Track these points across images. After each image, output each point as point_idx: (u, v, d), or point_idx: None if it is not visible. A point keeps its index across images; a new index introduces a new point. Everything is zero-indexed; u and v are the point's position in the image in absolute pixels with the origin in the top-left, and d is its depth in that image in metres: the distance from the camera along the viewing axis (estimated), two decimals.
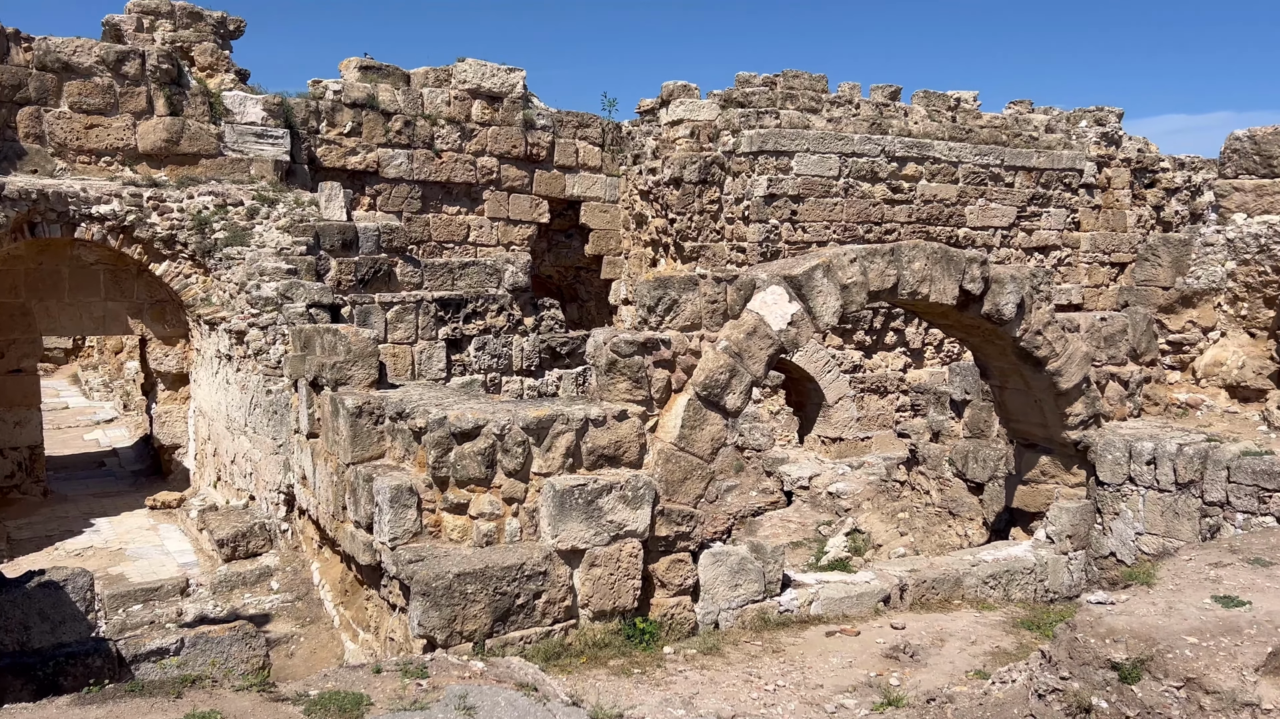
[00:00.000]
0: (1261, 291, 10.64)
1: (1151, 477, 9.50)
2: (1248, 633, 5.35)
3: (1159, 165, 21.27)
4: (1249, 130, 10.93)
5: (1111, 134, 20.40)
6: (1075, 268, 20.22)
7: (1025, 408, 10.57)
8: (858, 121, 17.80)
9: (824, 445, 17.97)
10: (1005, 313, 9.48)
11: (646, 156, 18.08)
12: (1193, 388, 11.05)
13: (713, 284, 8.50)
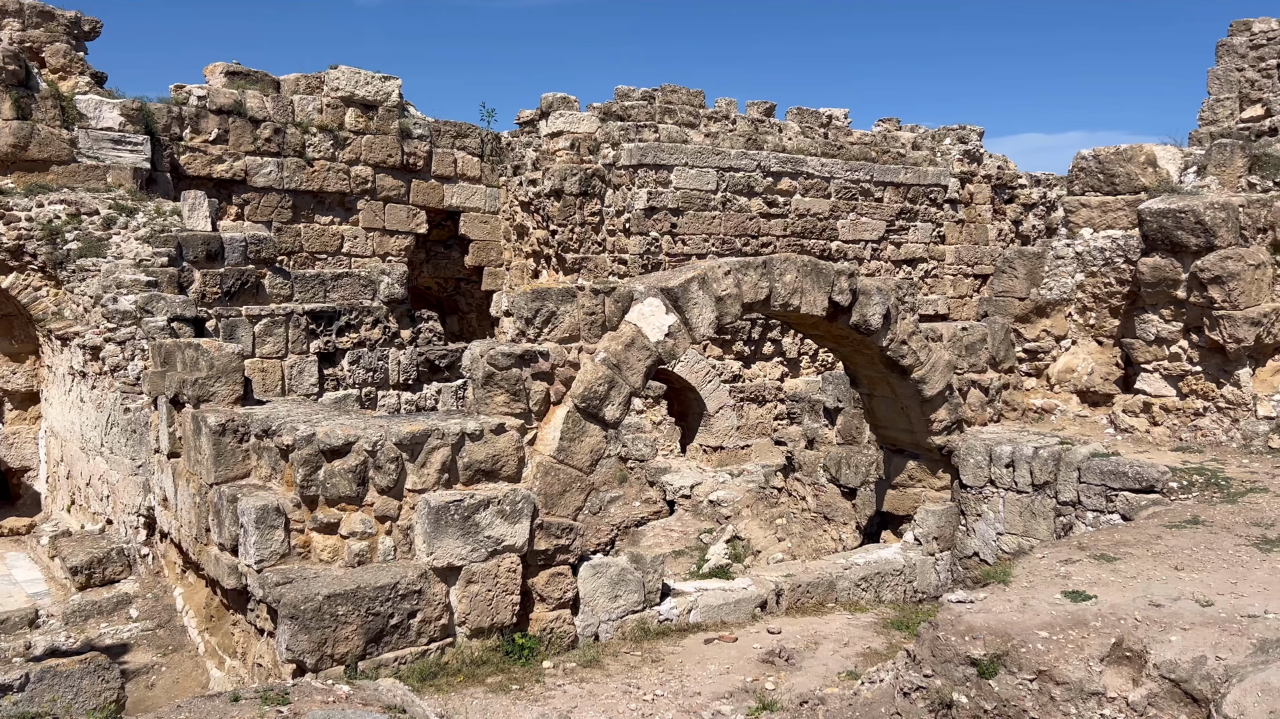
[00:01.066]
0: (1107, 302, 11.31)
1: (1010, 479, 9.97)
2: (1094, 625, 5.65)
3: (1017, 182, 22.42)
4: (1094, 150, 11.62)
5: (973, 151, 21.40)
6: (941, 279, 21.09)
7: (893, 415, 10.95)
8: (734, 137, 18.17)
9: (706, 454, 18.21)
10: (872, 323, 9.80)
11: (527, 168, 18.02)
12: (1047, 393, 11.65)
13: (591, 296, 8.52)
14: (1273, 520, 7.29)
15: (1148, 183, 11.12)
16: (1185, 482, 8.66)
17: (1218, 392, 10.14)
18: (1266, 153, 10.64)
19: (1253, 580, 6.13)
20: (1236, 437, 9.84)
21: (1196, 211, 9.85)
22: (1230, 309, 9.77)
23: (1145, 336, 10.63)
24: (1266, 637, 5.28)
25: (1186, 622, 5.57)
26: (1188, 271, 10.03)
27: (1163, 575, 6.31)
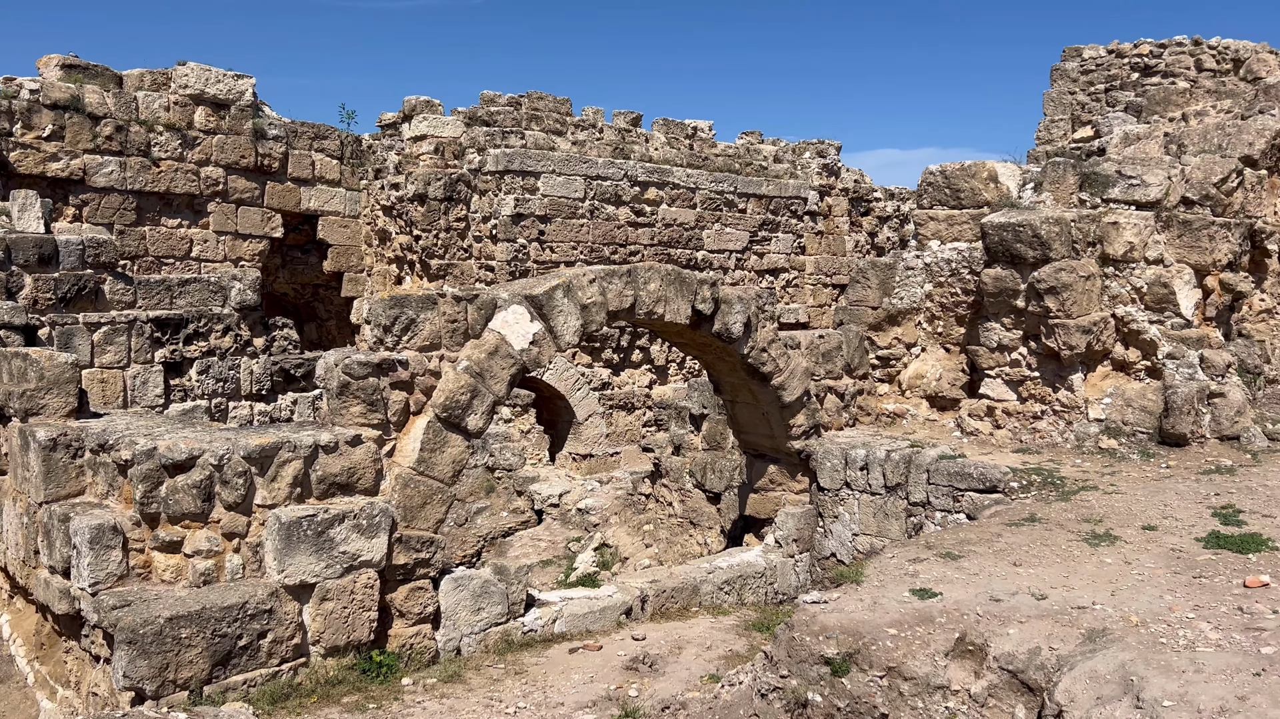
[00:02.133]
0: (954, 311, 11.86)
1: (865, 481, 10.32)
2: (939, 621, 5.89)
3: (873, 195, 23.31)
4: (941, 166, 12.19)
5: (832, 165, 22.13)
6: (802, 289, 21.71)
7: (754, 420, 11.18)
8: (601, 145, 18.24)
9: (575, 462, 18.18)
10: (734, 331, 9.99)
11: (389, 171, 17.61)
12: (899, 398, 12.13)
13: (453, 303, 8.38)
14: (1101, 517, 7.77)
15: (990, 198, 11.73)
16: (1024, 481, 9.14)
17: (1054, 396, 10.76)
18: (1095, 171, 11.38)
19: (1082, 574, 6.52)
20: (1070, 438, 10.47)
21: (1033, 226, 10.44)
22: (1064, 318, 10.39)
23: (988, 344, 11.19)
24: (1094, 627, 5.62)
25: (1023, 615, 5.87)
26: (1026, 282, 10.62)
27: (1003, 572, 6.63)
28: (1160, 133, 12.31)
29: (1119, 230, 10.68)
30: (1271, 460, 9.45)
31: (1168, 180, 10.98)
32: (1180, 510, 7.85)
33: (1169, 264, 10.85)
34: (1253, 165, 11.52)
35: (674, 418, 14.26)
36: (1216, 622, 5.54)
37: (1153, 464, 9.57)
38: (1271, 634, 5.31)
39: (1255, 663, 4.97)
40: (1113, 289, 10.69)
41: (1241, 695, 4.64)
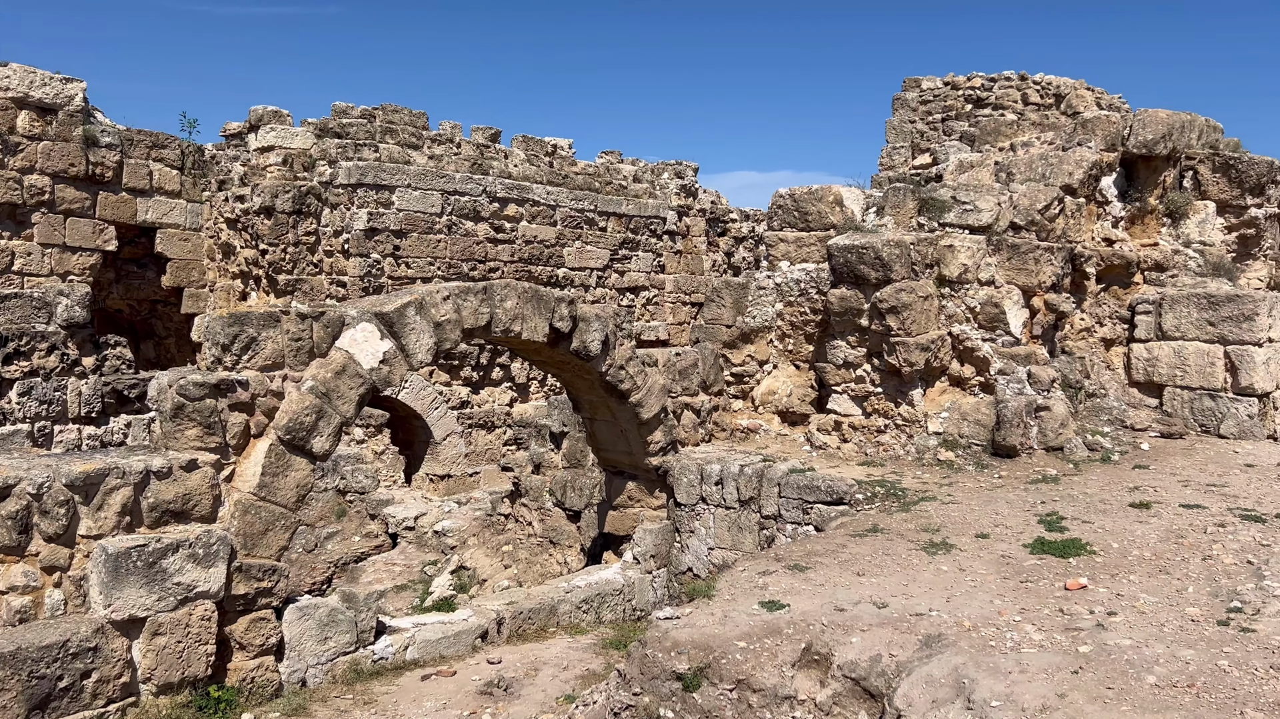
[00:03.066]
0: (803, 329, 12.25)
1: (720, 495, 10.50)
2: (786, 633, 6.03)
3: (729, 216, 23.86)
4: (790, 190, 12.59)
5: (689, 186, 22.54)
6: (662, 307, 21.98)
7: (613, 437, 11.23)
8: (459, 160, 18.02)
9: (432, 484, 17.80)
10: (592, 349, 10.01)
11: (234, 183, 16.89)
12: (753, 414, 12.42)
13: (297, 320, 8.08)
14: (939, 526, 8.14)
15: (836, 221, 12.19)
16: (869, 493, 9.49)
17: (896, 410, 11.23)
18: (933, 196, 11.99)
19: (921, 581, 6.80)
20: (912, 450, 10.94)
21: (875, 248, 10.90)
22: (905, 336, 10.87)
23: (835, 361, 11.59)
24: (930, 633, 5.86)
25: (866, 623, 6.07)
26: (869, 302, 11.06)
27: (847, 581, 6.85)
28: (991, 161, 13.08)
29: (954, 253, 11.27)
30: (1091, 469, 10.13)
31: (998, 206, 11.67)
32: (1010, 518, 8.30)
33: (1000, 285, 11.51)
34: (1072, 193, 12.37)
35: (534, 436, 14.16)
36: (1040, 623, 5.87)
37: (986, 474, 10.10)
38: (1088, 634, 5.66)
39: (1074, 661, 5.29)
40: (949, 308, 11.26)
41: (1061, 693, 4.93)
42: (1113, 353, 12.79)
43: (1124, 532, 7.69)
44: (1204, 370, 11.99)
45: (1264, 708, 4.67)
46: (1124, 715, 4.66)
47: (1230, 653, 5.31)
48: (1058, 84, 16.43)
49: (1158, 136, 12.87)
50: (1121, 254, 12.77)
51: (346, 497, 15.39)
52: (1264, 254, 13.88)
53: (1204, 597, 6.25)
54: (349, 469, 15.34)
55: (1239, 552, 7.09)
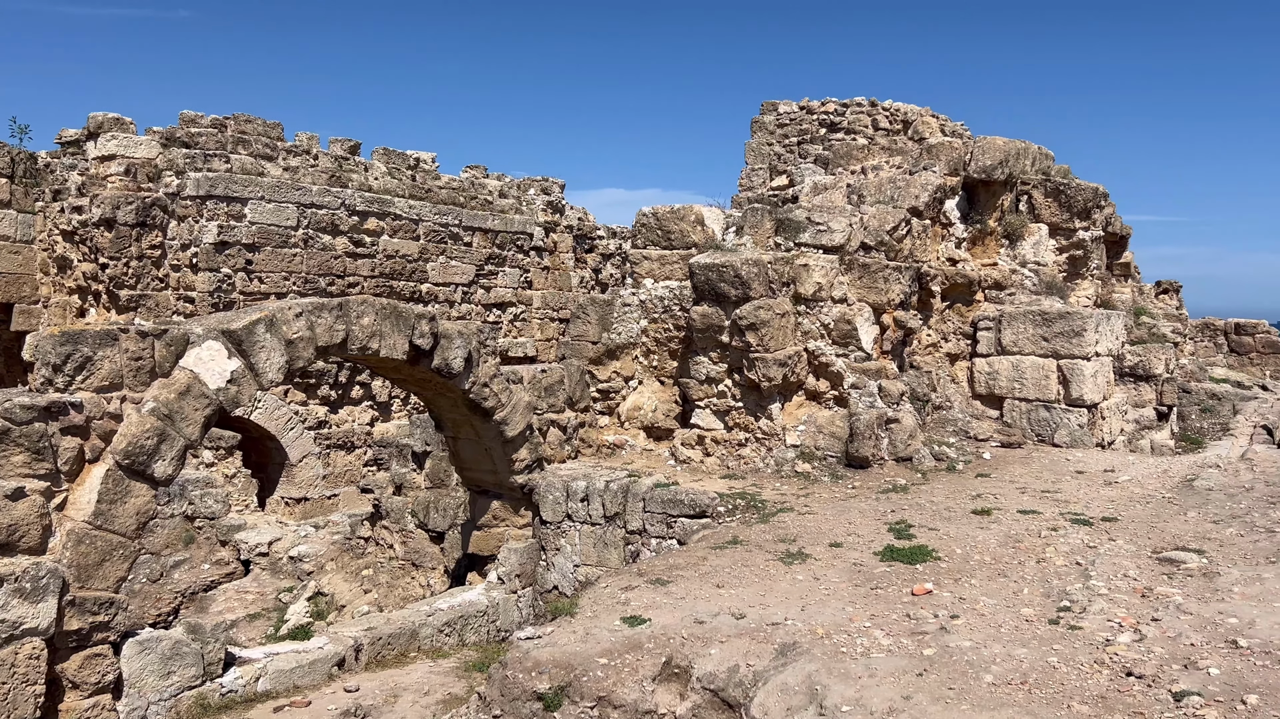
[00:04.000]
0: (667, 346, 12.41)
1: (586, 512, 10.50)
2: (647, 647, 6.07)
3: (596, 233, 23.98)
4: (653, 208, 12.77)
5: (556, 202, 22.56)
6: (529, 323, 21.88)
7: (477, 456, 11.09)
8: (316, 173, 17.51)
9: (288, 507, 17.14)
10: (454, 367, 9.88)
11: (71, 193, 15.92)
12: (619, 430, 12.49)
13: (137, 339, 7.67)
14: (795, 536, 8.37)
15: (697, 239, 12.42)
16: (730, 505, 9.68)
17: (756, 424, 11.51)
18: (789, 217, 12.38)
19: (778, 591, 6.98)
20: (771, 463, 11.23)
21: (735, 267, 11.16)
22: (763, 352, 11.16)
23: (698, 376, 11.79)
24: (786, 641, 6.02)
25: (724, 635, 6.18)
26: (730, 319, 11.31)
27: (707, 594, 6.96)
28: (844, 184, 13.61)
29: (809, 272, 11.65)
30: (938, 478, 10.62)
31: (850, 227, 12.14)
32: (862, 527, 8.61)
33: (852, 303, 11.97)
34: (919, 215, 12.99)
35: (396, 456, 13.84)
36: (888, 628, 6.11)
37: (841, 485, 10.46)
38: (932, 637, 5.92)
39: (919, 664, 5.52)
40: (805, 325, 11.63)
41: (906, 695, 5.13)
42: (957, 367, 13.47)
43: (967, 538, 8.09)
44: (1039, 383, 12.76)
45: (1088, 700, 4.99)
46: (963, 714, 4.90)
47: (1059, 650, 5.65)
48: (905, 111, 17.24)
49: (995, 162, 13.66)
50: (964, 273, 13.48)
51: (195, 522, 14.65)
52: (1091, 273, 14.90)
53: (1037, 597, 6.63)
54: (197, 494, 14.62)
55: (1069, 554, 7.56)
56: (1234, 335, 24.93)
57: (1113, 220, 16.16)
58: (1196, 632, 5.79)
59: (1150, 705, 4.88)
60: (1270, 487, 9.41)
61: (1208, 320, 25.29)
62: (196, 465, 15.39)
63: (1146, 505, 9.09)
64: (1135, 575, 6.96)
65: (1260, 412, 16.11)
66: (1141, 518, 8.61)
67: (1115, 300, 15.50)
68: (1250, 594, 6.40)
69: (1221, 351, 24.81)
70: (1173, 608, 6.21)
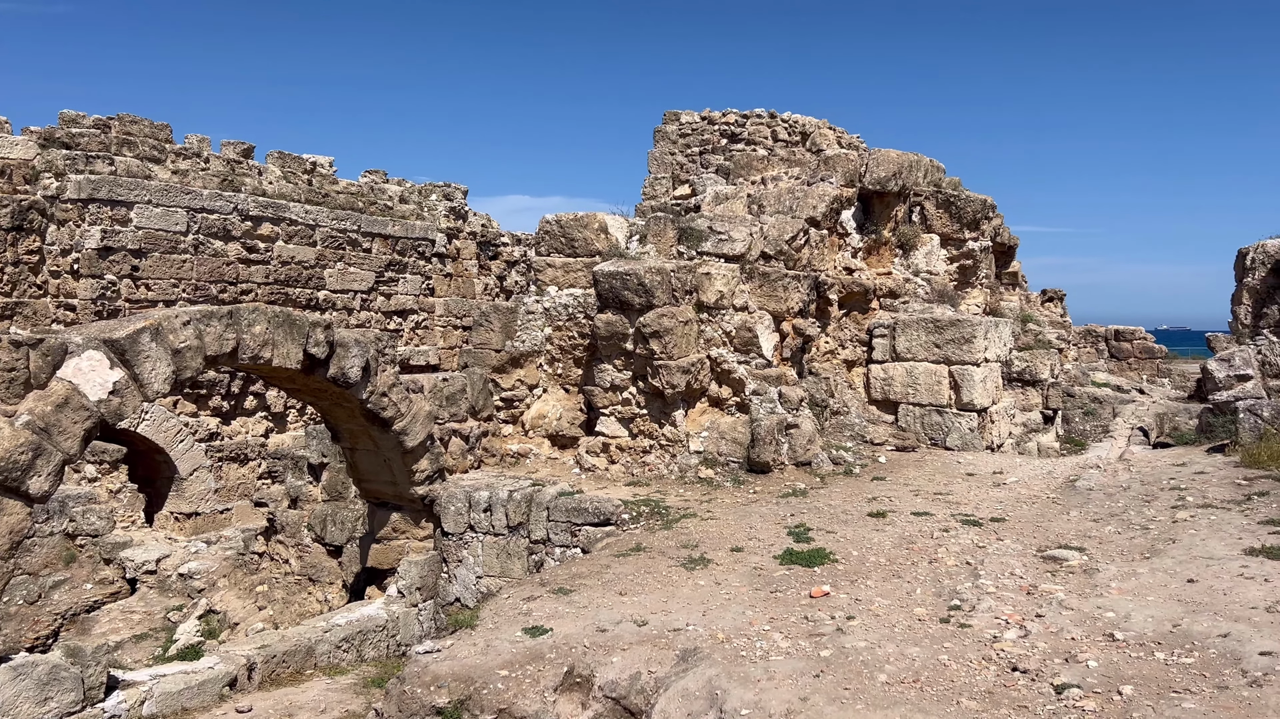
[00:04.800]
0: (572, 353, 12.39)
1: (489, 523, 10.39)
2: (549, 657, 6.04)
3: (501, 240, 23.80)
4: (556, 216, 12.73)
5: (459, 209, 22.31)
6: (432, 330, 21.57)
7: (376, 467, 10.86)
8: (207, 176, 16.94)
9: (178, 523, 16.50)
10: (351, 376, 9.66)
11: None
12: (523, 439, 12.40)
13: (9, 349, 7.28)
14: (698, 542, 8.44)
15: (601, 247, 12.44)
16: (634, 513, 9.70)
17: (660, 431, 11.57)
18: (691, 226, 12.50)
19: (680, 597, 7.02)
20: (675, 469, 11.30)
21: (638, 275, 11.21)
22: (667, 359, 11.23)
23: (603, 384, 11.80)
24: (687, 647, 6.05)
25: (627, 642, 6.19)
26: (634, 327, 11.36)
27: (609, 602, 6.96)
28: (745, 194, 13.82)
29: (711, 280, 11.79)
30: (835, 482, 10.85)
31: (750, 237, 12.33)
32: (763, 531, 8.73)
33: (753, 311, 12.15)
34: (816, 225, 13.28)
35: (291, 468, 13.45)
36: (787, 631, 6.21)
37: (743, 490, 10.59)
38: (829, 638, 6.04)
39: (816, 666, 5.63)
40: (708, 333, 11.75)
41: (804, 697, 5.22)
42: (854, 373, 13.80)
43: (863, 540, 8.28)
44: (932, 388, 13.17)
45: (976, 696, 5.16)
46: (858, 714, 5.00)
47: (950, 647, 5.82)
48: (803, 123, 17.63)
49: (889, 174, 14.06)
50: (860, 282, 13.83)
51: (77, 540, 13.97)
52: (980, 282, 15.46)
53: (930, 597, 6.83)
54: (79, 510, 13.94)
55: (960, 554, 7.81)
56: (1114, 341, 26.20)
57: (1001, 231, 16.81)
58: (1077, 626, 6.05)
59: (1034, 699, 5.07)
60: (1145, 485, 9.90)
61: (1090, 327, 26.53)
62: (78, 481, 14.70)
63: (1032, 506, 9.46)
64: (1021, 574, 7.23)
65: (1137, 414, 16.96)
66: (1027, 518, 8.95)
67: (1003, 308, 16.11)
68: (1126, 589, 6.71)
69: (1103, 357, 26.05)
70: (1055, 604, 6.48)
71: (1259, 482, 9.43)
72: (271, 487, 15.31)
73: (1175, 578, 6.81)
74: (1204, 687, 5.05)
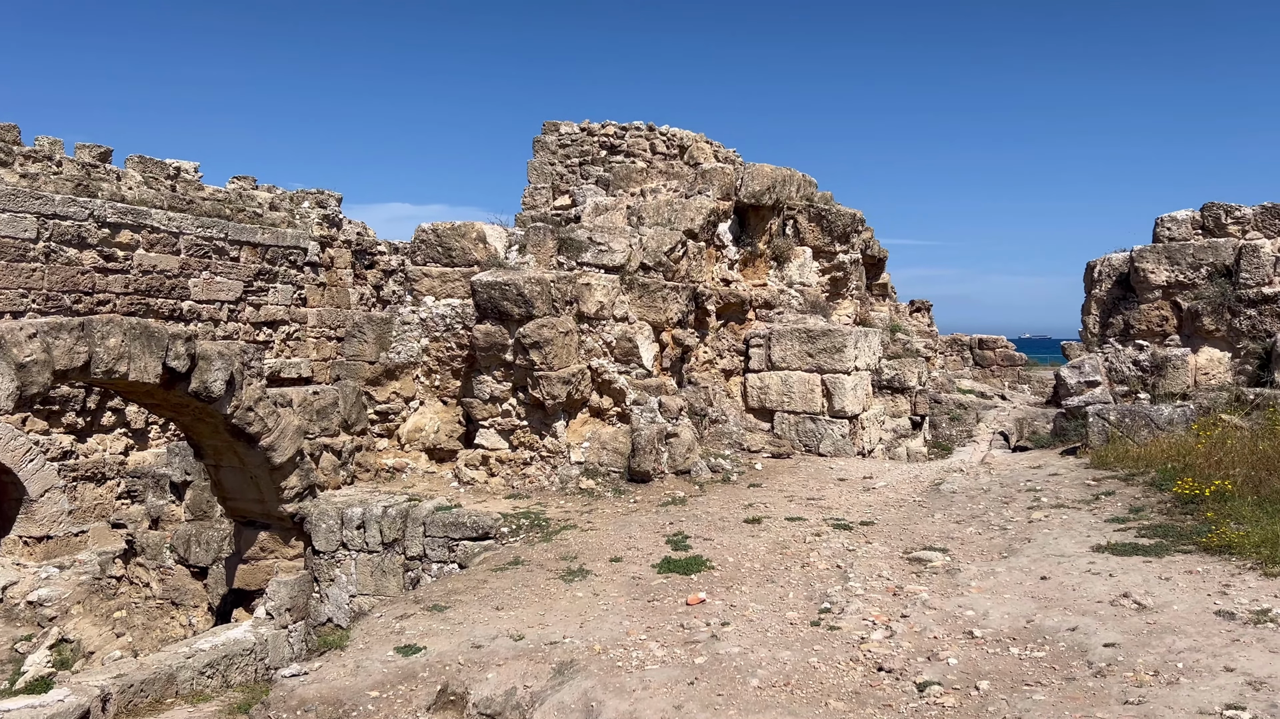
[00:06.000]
0: (450, 365, 12.20)
1: (362, 540, 10.12)
2: (422, 676, 5.92)
3: (377, 248, 23.26)
4: (433, 224, 12.54)
5: (333, 216, 21.72)
6: (304, 342, 20.90)
7: (242, 485, 10.46)
8: (60, 180, 16.02)
9: (27, 547, 15.48)
10: (214, 390, 9.28)
11: None
12: (399, 453, 12.14)
13: None
14: (577, 553, 8.42)
15: (479, 257, 12.31)
16: (514, 526, 9.61)
17: (541, 442, 11.51)
18: (571, 237, 12.50)
19: (557, 610, 6.98)
20: (556, 481, 11.25)
21: (518, 285, 11.14)
22: (547, 370, 11.19)
23: (482, 396, 11.66)
24: (564, 660, 6.03)
25: (502, 658, 6.12)
26: (514, 338, 11.27)
27: (486, 617, 6.87)
28: (624, 205, 13.91)
29: (591, 291, 11.81)
30: (714, 490, 11.00)
31: (629, 248, 12.41)
32: (642, 541, 8.78)
33: (633, 321, 12.23)
34: (694, 237, 13.47)
35: (152, 487, 12.83)
36: (663, 640, 6.25)
37: (623, 500, 10.63)
38: (704, 645, 6.11)
39: (690, 673, 5.68)
40: (588, 343, 11.76)
41: (678, 704, 5.26)
42: (732, 382, 14.04)
43: (739, 546, 8.42)
44: (806, 396, 13.51)
45: (844, 697, 5.30)
46: None
47: (820, 650, 5.97)
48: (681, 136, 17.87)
49: (764, 188, 14.39)
50: (737, 293, 14.09)
51: None
52: (851, 293, 15.96)
53: (802, 600, 6.99)
54: None
55: (831, 558, 8.02)
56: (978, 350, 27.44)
57: (871, 244, 17.41)
58: (939, 625, 6.28)
59: (898, 697, 5.24)
60: (1005, 488, 10.38)
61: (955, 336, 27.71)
62: None
63: (900, 509, 9.80)
64: (888, 575, 7.47)
65: (999, 419, 17.79)
66: (895, 521, 9.27)
67: (873, 318, 16.67)
68: (985, 587, 7.01)
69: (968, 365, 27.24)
70: (919, 604, 6.72)
71: (1106, 482, 10.01)
72: (131, 507, 14.56)
73: (1030, 576, 7.16)
74: (1053, 679, 5.32)
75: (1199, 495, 8.58)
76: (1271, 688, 4.92)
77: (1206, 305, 13.11)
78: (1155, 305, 13.62)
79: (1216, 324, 13.11)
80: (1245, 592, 6.39)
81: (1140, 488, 9.52)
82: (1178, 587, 6.59)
